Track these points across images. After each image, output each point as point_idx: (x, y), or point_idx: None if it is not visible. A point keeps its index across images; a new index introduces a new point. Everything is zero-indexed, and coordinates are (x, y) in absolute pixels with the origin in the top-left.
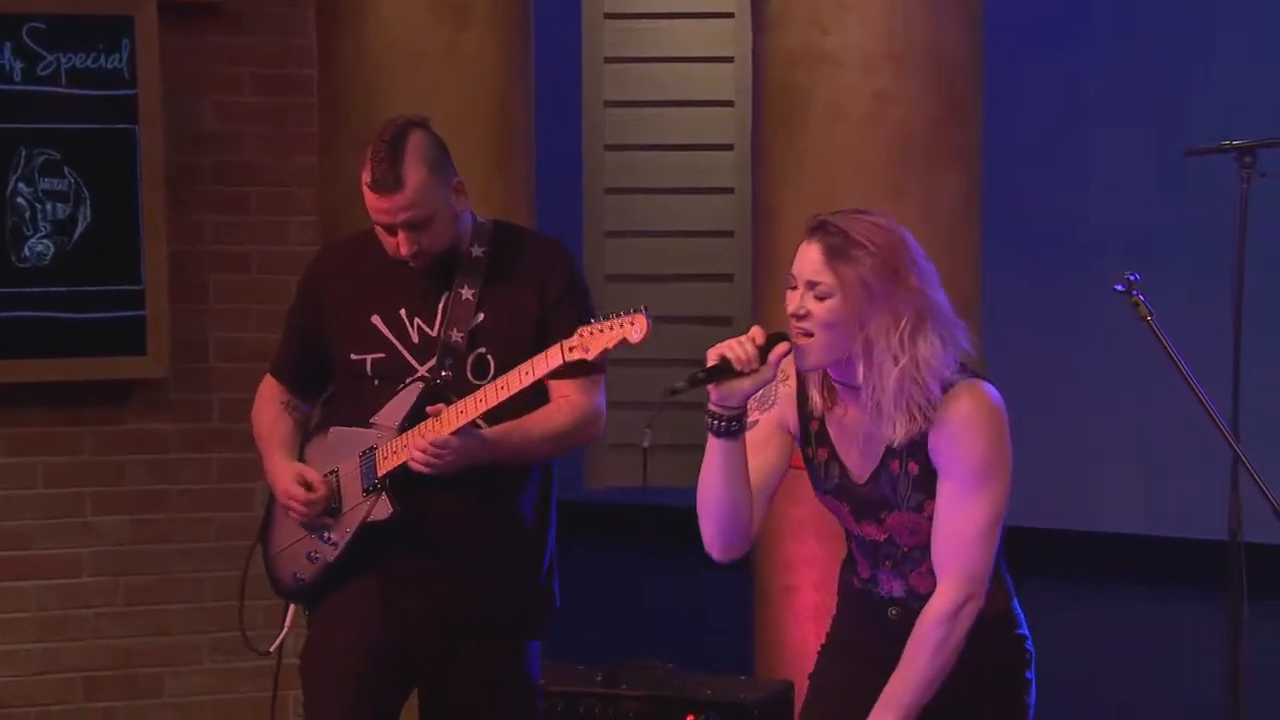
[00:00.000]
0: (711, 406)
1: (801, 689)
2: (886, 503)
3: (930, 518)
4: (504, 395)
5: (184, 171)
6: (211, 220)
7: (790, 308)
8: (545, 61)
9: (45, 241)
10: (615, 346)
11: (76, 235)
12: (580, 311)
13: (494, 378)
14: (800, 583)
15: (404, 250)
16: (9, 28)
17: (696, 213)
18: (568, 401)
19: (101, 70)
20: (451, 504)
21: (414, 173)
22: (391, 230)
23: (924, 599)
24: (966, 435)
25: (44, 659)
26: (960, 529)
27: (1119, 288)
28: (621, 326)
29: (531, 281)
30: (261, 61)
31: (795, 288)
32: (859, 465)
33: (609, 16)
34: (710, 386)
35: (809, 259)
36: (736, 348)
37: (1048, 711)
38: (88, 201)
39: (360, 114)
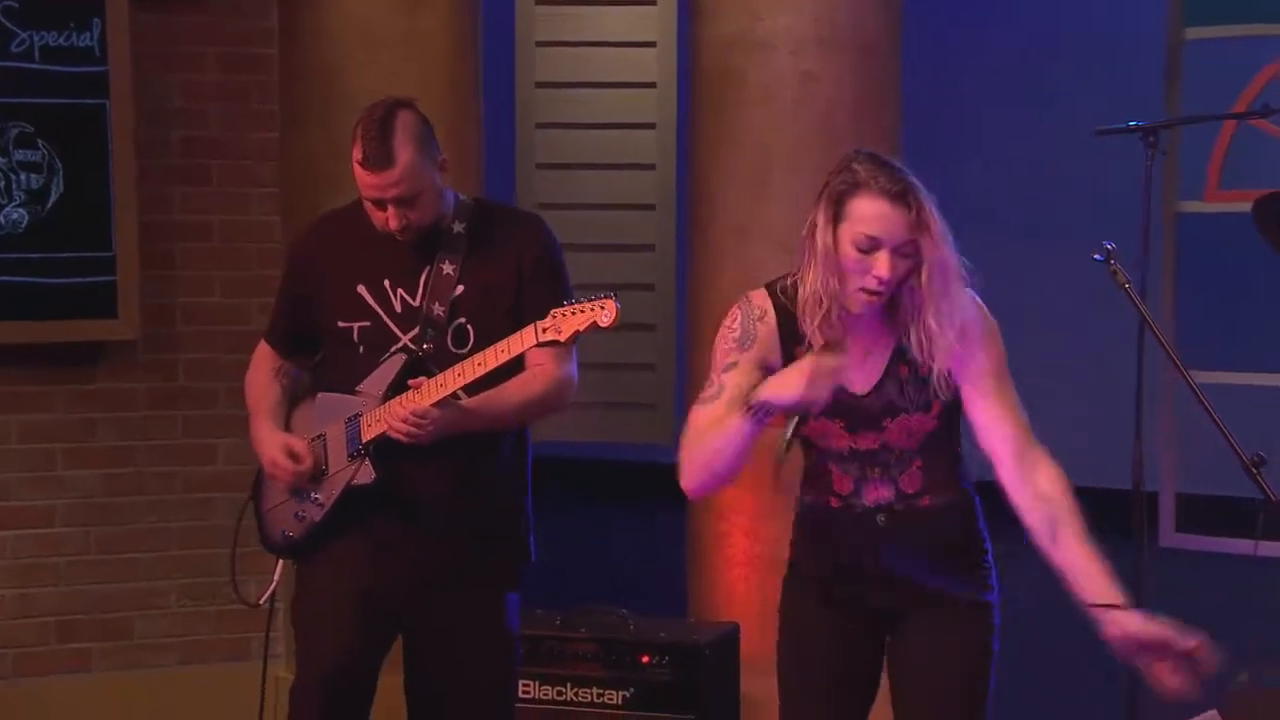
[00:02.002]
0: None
1: (747, 629)
2: (893, 408)
3: (939, 416)
4: (480, 372)
5: (151, 145)
6: (177, 191)
7: (884, 274)
8: (481, 45)
9: (20, 210)
10: (586, 329)
11: (50, 204)
12: (554, 285)
13: (473, 346)
14: (731, 529)
15: (393, 225)
16: None
17: (621, 187)
18: (542, 370)
19: (73, 48)
20: (432, 468)
21: (404, 150)
22: (381, 205)
23: (911, 499)
24: (989, 338)
25: (20, 604)
26: (1020, 419)
27: (1098, 257)
28: (593, 310)
29: (509, 256)
30: (225, 41)
31: (877, 250)
32: (859, 380)
33: (540, 3)
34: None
35: (896, 224)
36: (814, 391)
37: None
38: (60, 172)
39: (319, 92)
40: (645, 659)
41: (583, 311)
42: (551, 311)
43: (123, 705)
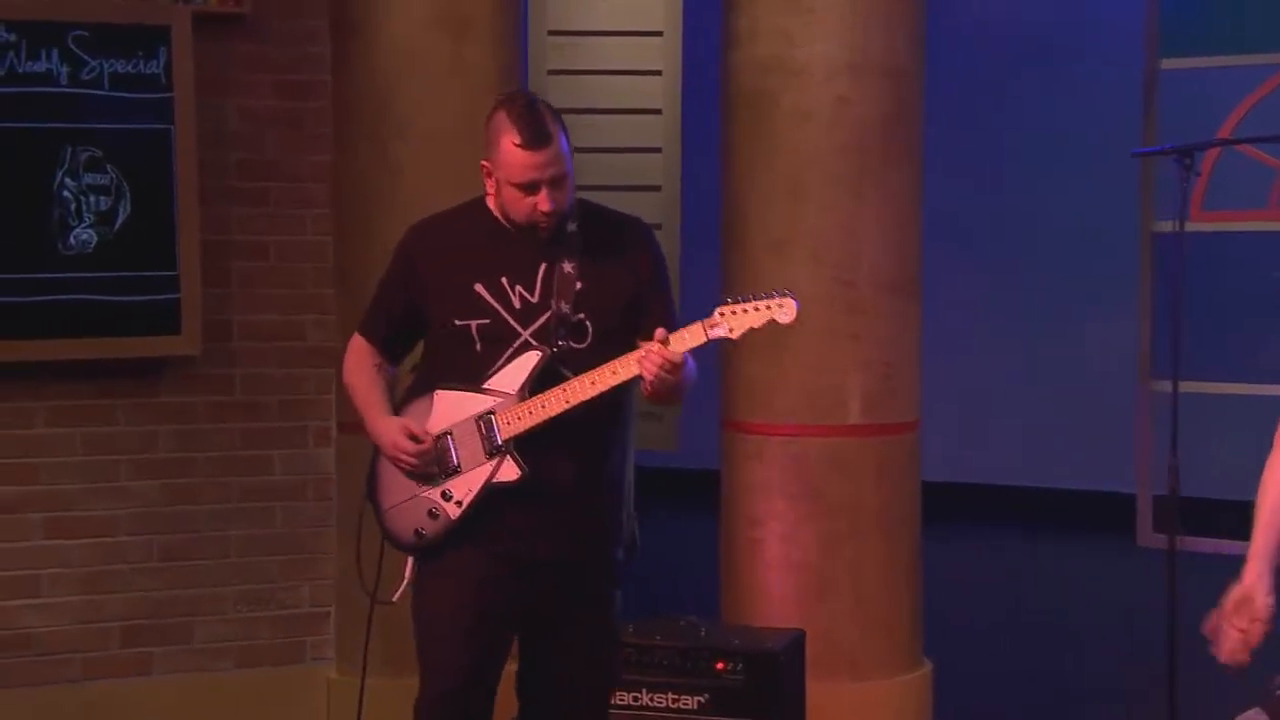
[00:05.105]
0: None
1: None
2: None
3: None
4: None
5: (211, 168)
6: (235, 212)
7: None
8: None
9: (89, 231)
10: (763, 327)
11: (117, 225)
12: (667, 284)
13: (591, 341)
14: (766, 536)
15: (544, 207)
16: (56, 35)
17: (629, 207)
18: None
19: (140, 75)
20: (562, 462)
21: (555, 128)
22: (534, 189)
23: None
24: None
25: (86, 610)
26: None
27: None
28: (769, 309)
29: (624, 256)
30: (281, 69)
31: None
32: None
33: (552, 34)
34: None
35: None
36: None
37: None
38: (127, 195)
39: (370, 117)
40: (720, 665)
41: (758, 309)
42: (718, 310)
43: (183, 707)
